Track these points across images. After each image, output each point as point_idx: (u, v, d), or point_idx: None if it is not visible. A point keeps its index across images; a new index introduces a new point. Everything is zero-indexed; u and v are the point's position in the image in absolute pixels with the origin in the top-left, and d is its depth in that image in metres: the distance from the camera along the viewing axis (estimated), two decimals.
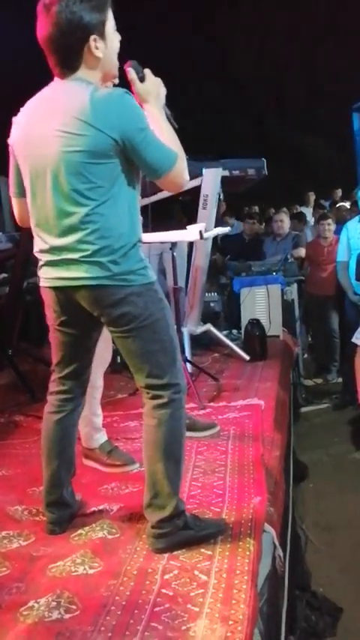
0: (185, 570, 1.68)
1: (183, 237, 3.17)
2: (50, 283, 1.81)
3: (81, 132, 1.68)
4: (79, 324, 1.87)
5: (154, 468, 1.78)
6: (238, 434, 2.74)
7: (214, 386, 3.57)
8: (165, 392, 1.79)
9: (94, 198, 1.71)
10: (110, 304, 1.74)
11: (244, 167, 3.80)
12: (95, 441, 2.47)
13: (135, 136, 1.69)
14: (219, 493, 2.15)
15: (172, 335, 1.85)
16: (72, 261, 1.74)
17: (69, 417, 1.99)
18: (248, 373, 3.85)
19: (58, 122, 1.70)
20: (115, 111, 1.69)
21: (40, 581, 1.68)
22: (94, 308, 1.77)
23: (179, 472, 1.81)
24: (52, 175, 1.72)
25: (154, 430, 1.79)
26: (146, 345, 1.77)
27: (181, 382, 1.83)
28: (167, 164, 1.72)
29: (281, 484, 2.38)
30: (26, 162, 1.79)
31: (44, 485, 1.99)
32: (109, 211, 1.72)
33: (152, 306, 1.77)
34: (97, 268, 1.72)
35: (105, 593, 1.60)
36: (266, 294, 4.70)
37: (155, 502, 1.79)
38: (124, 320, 1.75)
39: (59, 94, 1.75)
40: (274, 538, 1.91)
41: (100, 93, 1.72)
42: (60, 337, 1.90)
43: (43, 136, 1.72)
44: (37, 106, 1.79)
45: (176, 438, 1.80)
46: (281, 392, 3.46)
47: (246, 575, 1.63)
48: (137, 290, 1.75)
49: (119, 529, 1.94)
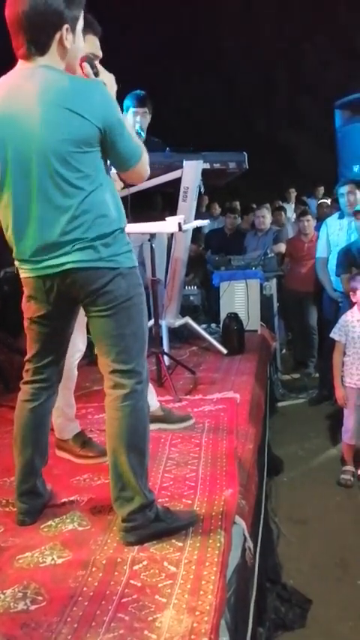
0: (154, 561, 1.68)
1: (162, 228, 3.16)
2: (37, 272, 1.77)
3: (67, 120, 1.66)
4: (60, 313, 1.85)
5: (119, 460, 1.77)
6: (212, 427, 2.74)
7: (190, 379, 3.56)
8: (128, 380, 1.78)
9: (85, 188, 1.70)
10: (99, 285, 1.74)
11: (224, 160, 3.79)
12: (68, 432, 2.45)
13: (115, 126, 1.72)
14: (191, 485, 2.15)
15: (145, 325, 1.86)
16: (65, 251, 1.72)
17: (44, 405, 1.97)
18: (225, 367, 3.86)
19: (40, 110, 1.66)
20: (98, 100, 1.69)
21: (7, 572, 1.66)
22: (81, 291, 1.75)
23: (144, 464, 1.80)
24: (39, 167, 1.68)
25: (116, 423, 1.78)
26: (120, 328, 1.77)
27: (144, 373, 1.83)
28: (137, 156, 1.80)
29: (254, 477, 2.39)
30: (2, 157, 1.71)
31: (17, 475, 1.97)
32: (99, 199, 1.72)
33: (133, 290, 1.79)
34: (89, 252, 1.72)
35: (73, 584, 1.59)
36: (245, 289, 4.70)
37: (123, 495, 1.78)
38: (106, 299, 1.75)
39: (32, 81, 1.68)
40: (244, 530, 1.91)
41: (81, 81, 1.72)
42: (38, 329, 1.88)
43: (24, 125, 1.67)
44: (7, 94, 1.71)
45: (139, 430, 1.79)
46: (257, 386, 3.47)
47: (215, 567, 1.63)
48: (123, 272, 1.77)
49: (90, 521, 1.93)
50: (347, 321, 3.50)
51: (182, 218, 3.14)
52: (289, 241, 5.92)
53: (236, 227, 6.53)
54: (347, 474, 3.47)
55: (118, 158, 1.79)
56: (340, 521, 3.07)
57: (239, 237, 6.23)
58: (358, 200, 4.77)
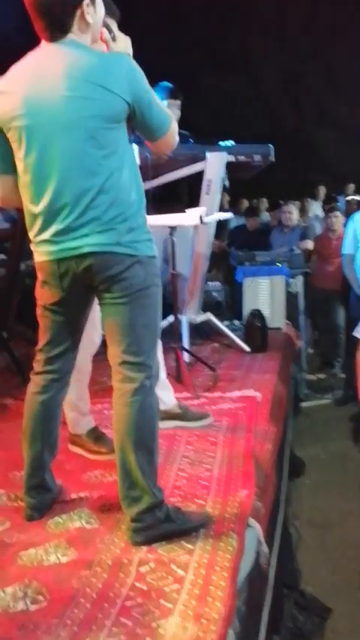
0: (162, 564, 1.60)
1: (183, 221, 3.07)
2: (55, 256, 1.71)
3: (95, 95, 1.61)
4: (74, 300, 1.79)
5: (126, 458, 1.69)
6: (231, 425, 2.65)
7: (210, 376, 3.47)
8: (137, 374, 1.71)
9: (109, 166, 1.65)
10: (115, 272, 1.68)
11: (249, 152, 3.69)
12: (81, 427, 2.39)
13: (143, 97, 1.69)
14: (205, 485, 2.07)
15: (159, 318, 1.79)
16: (83, 233, 1.66)
17: (55, 397, 1.91)
18: (247, 364, 3.75)
19: (66, 86, 1.61)
20: (125, 73, 1.65)
21: (10, 570, 1.61)
22: (97, 277, 1.69)
23: (153, 462, 1.72)
24: (65, 145, 1.64)
25: (123, 419, 1.70)
26: (133, 317, 1.70)
27: (154, 368, 1.75)
28: (166, 125, 1.76)
29: (272, 478, 2.29)
30: (27, 134, 1.67)
31: (25, 469, 1.92)
32: (121, 179, 1.67)
33: (150, 280, 1.73)
34: (109, 235, 1.66)
35: (76, 584, 1.53)
36: (270, 285, 4.59)
37: (131, 494, 1.70)
38: (121, 286, 1.69)
39: (58, 58, 1.65)
40: (259, 534, 1.82)
41: (107, 56, 1.69)
42: (51, 317, 1.82)
43: (51, 102, 1.63)
44: (34, 71, 1.68)
45: (147, 427, 1.72)
46: (279, 385, 3.36)
47: (225, 572, 1.55)
48: (142, 260, 1.71)
49: (98, 519, 1.86)
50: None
51: (204, 210, 3.05)
52: (316, 238, 5.79)
53: (259, 225, 6.44)
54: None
55: (147, 129, 1.75)
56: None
57: (263, 234, 6.12)
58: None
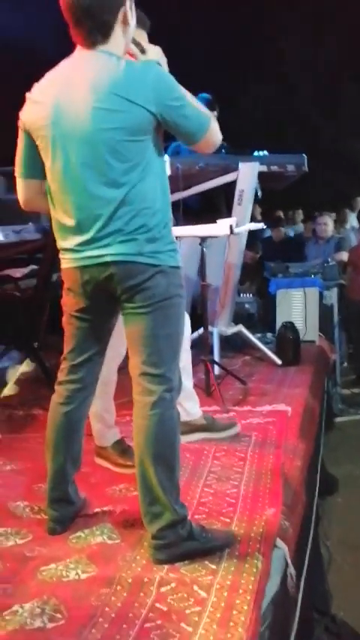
0: (184, 584, 1.55)
1: (213, 231, 3.04)
2: (77, 263, 1.71)
3: (119, 107, 1.60)
4: (98, 309, 1.78)
5: (146, 473, 1.65)
6: (259, 440, 2.58)
7: (240, 390, 3.41)
8: (157, 386, 1.67)
9: (131, 178, 1.63)
10: (137, 281, 1.66)
11: (282, 162, 3.64)
12: (107, 440, 2.36)
13: (172, 105, 1.65)
14: (231, 502, 2.01)
15: (181, 329, 1.75)
16: (105, 243, 1.65)
17: (78, 409, 1.88)
18: (278, 378, 3.68)
19: (93, 98, 1.61)
20: (150, 84, 1.62)
21: (29, 584, 1.58)
22: (119, 285, 1.67)
23: (173, 478, 1.68)
24: (87, 157, 1.63)
25: (143, 432, 1.67)
26: (155, 328, 1.67)
27: (175, 381, 1.71)
28: (204, 126, 1.70)
29: (301, 496, 2.21)
30: (53, 144, 1.67)
31: (48, 481, 1.90)
32: (144, 190, 1.65)
33: (173, 290, 1.70)
34: (131, 245, 1.64)
35: (95, 602, 1.49)
36: (303, 297, 4.51)
37: (151, 510, 1.66)
38: (143, 296, 1.66)
39: (88, 68, 1.65)
40: (286, 555, 1.75)
41: (133, 66, 1.66)
42: (76, 324, 1.81)
43: (76, 113, 1.62)
44: (63, 81, 1.68)
45: (167, 441, 1.67)
46: (311, 399, 3.28)
47: (249, 595, 1.48)
48: (165, 269, 1.68)
49: (120, 535, 1.82)
50: None
51: (235, 220, 3.01)
52: (352, 250, 5.66)
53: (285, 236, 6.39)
54: None
55: (183, 134, 1.71)
56: None
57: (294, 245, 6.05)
58: None
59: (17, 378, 3.97)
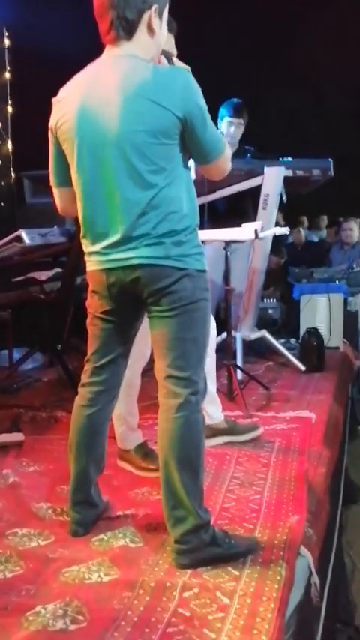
0: (207, 590, 1.53)
1: (238, 235, 3.03)
2: (103, 265, 1.71)
3: (146, 110, 1.60)
4: (123, 311, 1.78)
5: (170, 476, 1.64)
6: (283, 447, 2.56)
7: (264, 395, 3.39)
8: (183, 389, 1.66)
9: (158, 182, 1.63)
10: (163, 285, 1.65)
11: (308, 167, 3.61)
12: (130, 442, 2.36)
13: (197, 116, 1.64)
14: (254, 508, 1.99)
15: (207, 332, 1.74)
16: (132, 246, 1.65)
17: (102, 411, 1.88)
18: (302, 384, 3.64)
19: (120, 100, 1.61)
20: (179, 88, 1.62)
21: (52, 586, 1.58)
22: (145, 288, 1.67)
23: (198, 482, 1.67)
24: (113, 159, 1.63)
25: (167, 435, 1.66)
26: (180, 331, 1.67)
27: (201, 384, 1.70)
28: (219, 148, 1.71)
29: (325, 504, 2.18)
30: (79, 146, 1.68)
31: (71, 484, 1.90)
32: (171, 194, 1.64)
33: (199, 294, 1.69)
34: (158, 249, 1.64)
35: (117, 605, 1.48)
36: (328, 303, 4.46)
37: (175, 514, 1.65)
38: (170, 299, 1.66)
39: (115, 70, 1.65)
40: (310, 563, 1.72)
41: (162, 70, 1.66)
42: (101, 325, 1.81)
43: (103, 115, 1.63)
44: (90, 84, 1.68)
45: (192, 444, 1.66)
46: (335, 406, 3.23)
47: (273, 603, 1.46)
48: (191, 273, 1.67)
49: (143, 538, 1.81)
50: None
51: (260, 225, 2.99)
52: None
53: (306, 240, 6.34)
54: None
55: (199, 149, 1.70)
56: None
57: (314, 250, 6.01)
58: None
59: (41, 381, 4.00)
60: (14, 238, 3.23)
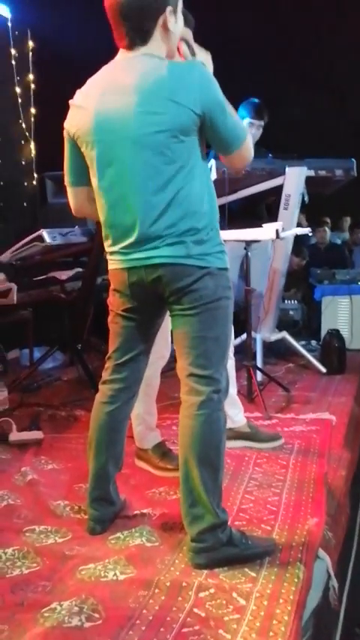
0: (223, 590, 1.52)
1: (259, 235, 3.01)
2: (125, 264, 1.71)
3: (164, 109, 1.59)
4: (145, 309, 1.78)
5: (190, 473, 1.64)
6: (302, 448, 2.53)
7: (284, 397, 3.36)
8: (205, 387, 1.65)
9: (178, 180, 1.62)
10: (185, 283, 1.65)
11: (330, 167, 3.57)
12: (148, 442, 2.36)
13: (215, 109, 1.63)
14: (272, 510, 1.97)
15: (229, 331, 1.74)
16: (153, 245, 1.65)
17: (122, 408, 1.88)
18: (322, 386, 3.60)
19: (137, 101, 1.61)
20: (196, 84, 1.61)
21: (68, 583, 1.58)
22: (167, 287, 1.67)
23: (217, 480, 1.65)
24: (133, 160, 1.63)
25: (188, 432, 1.65)
26: (203, 329, 1.66)
27: (223, 382, 1.69)
28: (241, 138, 1.69)
29: (345, 507, 2.15)
30: (98, 148, 1.68)
31: (90, 480, 1.90)
32: (191, 191, 1.64)
33: (221, 292, 1.68)
34: (179, 248, 1.64)
35: (132, 604, 1.48)
36: (350, 305, 4.41)
37: (193, 511, 1.64)
38: (191, 298, 1.65)
39: (131, 71, 1.64)
40: (328, 567, 1.70)
41: (177, 66, 1.65)
42: (122, 322, 1.81)
43: (121, 117, 1.62)
44: (106, 85, 1.68)
45: (213, 442, 1.65)
46: (357, 408, 3.19)
47: (290, 605, 1.45)
48: (213, 271, 1.67)
49: (159, 537, 1.81)
50: None
51: (280, 225, 2.97)
52: None
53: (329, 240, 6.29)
54: None
55: (220, 141, 1.69)
56: None
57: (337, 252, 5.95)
58: None
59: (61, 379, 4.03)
60: (36, 238, 3.26)
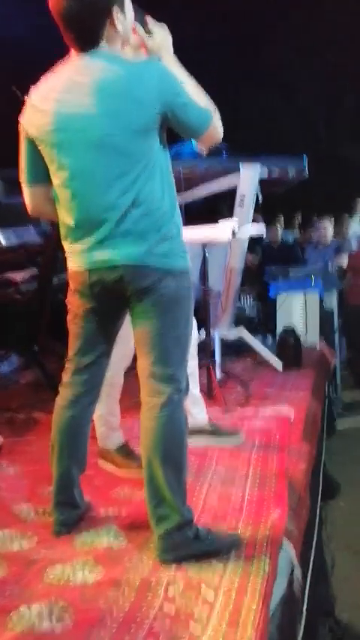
0: (191, 585, 1.54)
1: (214, 234, 3.04)
2: (86, 265, 1.70)
3: (125, 110, 1.60)
4: (105, 309, 1.78)
5: (154, 474, 1.65)
6: (263, 443, 2.58)
7: (242, 393, 3.42)
8: (166, 387, 1.67)
9: (141, 180, 1.63)
10: (147, 284, 1.65)
11: (283, 166, 3.65)
12: (111, 442, 2.36)
13: (176, 103, 1.64)
14: (236, 505, 2.00)
15: (189, 331, 1.75)
16: (117, 244, 1.65)
17: (83, 412, 1.88)
18: (280, 382, 3.68)
19: (97, 102, 1.60)
20: (155, 82, 1.62)
21: (36, 587, 1.57)
22: (129, 287, 1.67)
23: (181, 479, 1.68)
24: (95, 161, 1.63)
25: (151, 433, 1.66)
26: (163, 329, 1.67)
27: (183, 382, 1.72)
28: (206, 120, 1.69)
29: (306, 500, 2.21)
30: (59, 150, 1.67)
31: (54, 484, 1.89)
32: (153, 190, 1.65)
33: (182, 293, 1.70)
34: (142, 247, 1.64)
35: (102, 604, 1.48)
36: (304, 302, 4.52)
37: (158, 512, 1.65)
38: (153, 298, 1.67)
39: (88, 72, 1.63)
40: (292, 557, 1.75)
41: (135, 66, 1.66)
42: (82, 323, 1.80)
43: (82, 119, 1.62)
44: (64, 87, 1.66)
45: (176, 442, 1.67)
46: (313, 403, 3.28)
47: (257, 597, 1.48)
48: (175, 273, 1.68)
49: (126, 537, 1.82)
50: None
51: (236, 223, 3.02)
52: (351, 255, 5.66)
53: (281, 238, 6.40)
54: None
55: (186, 131, 1.71)
56: None
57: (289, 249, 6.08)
58: None
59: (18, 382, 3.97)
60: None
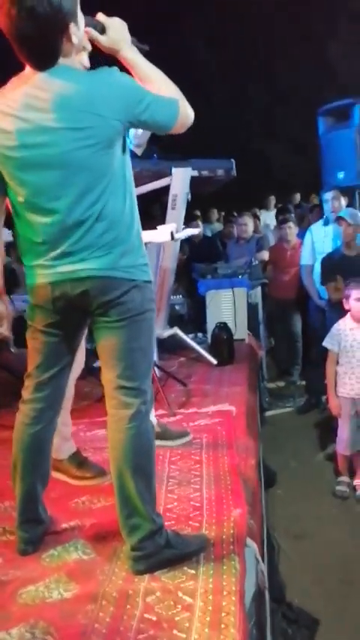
0: (168, 592, 1.58)
1: (154, 238, 3.07)
2: (49, 278, 1.67)
3: (88, 124, 1.58)
4: (67, 323, 1.76)
5: (125, 485, 1.67)
6: (211, 442, 2.66)
7: (182, 391, 3.48)
8: (133, 399, 1.69)
9: (105, 193, 1.62)
10: (113, 296, 1.66)
11: (213, 167, 3.74)
12: (63, 452, 2.34)
13: (139, 108, 1.63)
14: (196, 506, 2.06)
15: (153, 343, 1.78)
16: (80, 257, 1.64)
17: (46, 428, 1.85)
18: (216, 378, 3.78)
19: (59, 118, 1.57)
20: (114, 92, 1.61)
21: (11, 610, 1.55)
22: (94, 300, 1.66)
23: (151, 488, 1.71)
24: (57, 176, 1.60)
25: (120, 445, 1.68)
26: (129, 342, 1.69)
27: (149, 393, 1.75)
28: (174, 113, 1.69)
29: (258, 494, 2.32)
30: (21, 166, 1.62)
31: (18, 503, 1.85)
32: (117, 203, 1.64)
33: (147, 305, 1.72)
34: (106, 260, 1.64)
35: (83, 620, 1.49)
36: (232, 297, 4.64)
37: (130, 522, 1.68)
38: (119, 310, 1.67)
39: (47, 88, 1.59)
40: (256, 553, 1.83)
41: (93, 77, 1.63)
42: (43, 338, 1.77)
43: (45, 135, 1.58)
44: (23, 103, 1.60)
45: (145, 453, 1.71)
46: (251, 397, 3.41)
47: (233, 596, 1.55)
48: (139, 284, 1.69)
49: (94, 549, 1.83)
50: (340, 329, 3.46)
51: (174, 226, 3.06)
52: (271, 249, 5.87)
53: (202, 235, 6.52)
54: (342, 485, 3.43)
55: (156, 129, 1.73)
56: (339, 534, 3.01)
57: (210, 244, 6.23)
58: (342, 206, 4.78)
59: None
60: None
